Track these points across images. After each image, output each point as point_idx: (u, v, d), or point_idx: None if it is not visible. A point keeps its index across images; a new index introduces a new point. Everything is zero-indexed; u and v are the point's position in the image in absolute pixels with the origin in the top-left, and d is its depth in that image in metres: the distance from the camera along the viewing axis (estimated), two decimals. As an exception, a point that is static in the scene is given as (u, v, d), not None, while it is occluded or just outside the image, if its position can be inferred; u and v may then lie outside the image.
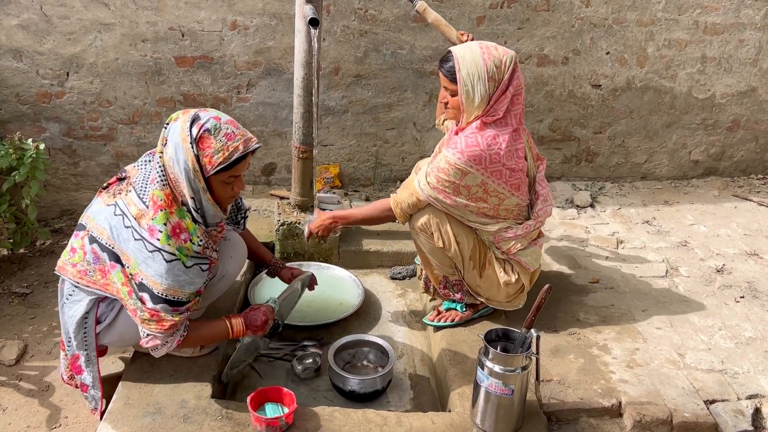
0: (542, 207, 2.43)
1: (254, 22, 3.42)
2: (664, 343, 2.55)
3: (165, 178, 1.90)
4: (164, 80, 3.46)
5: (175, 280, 1.89)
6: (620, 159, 4.26)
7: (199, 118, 1.88)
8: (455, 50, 2.25)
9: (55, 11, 3.20)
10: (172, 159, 1.88)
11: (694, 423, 2.14)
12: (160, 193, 1.90)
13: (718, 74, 4.08)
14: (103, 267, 1.93)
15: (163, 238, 1.87)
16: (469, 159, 2.20)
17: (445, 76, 2.28)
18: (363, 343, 2.52)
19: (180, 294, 1.92)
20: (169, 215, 1.89)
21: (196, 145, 1.86)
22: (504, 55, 2.23)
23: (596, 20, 3.79)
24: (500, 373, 1.93)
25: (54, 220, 3.60)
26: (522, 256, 2.43)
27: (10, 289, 2.93)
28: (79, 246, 1.97)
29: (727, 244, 3.46)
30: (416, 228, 2.39)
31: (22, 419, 2.20)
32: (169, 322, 1.92)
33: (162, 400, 2.04)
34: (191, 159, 1.86)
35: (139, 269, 1.88)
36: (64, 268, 2.00)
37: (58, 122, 3.45)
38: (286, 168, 3.80)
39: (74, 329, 2.00)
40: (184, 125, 1.87)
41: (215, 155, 1.86)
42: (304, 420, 2.00)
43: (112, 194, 1.98)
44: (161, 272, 1.88)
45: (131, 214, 1.91)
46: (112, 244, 1.91)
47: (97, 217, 1.95)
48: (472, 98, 2.22)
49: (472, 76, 2.20)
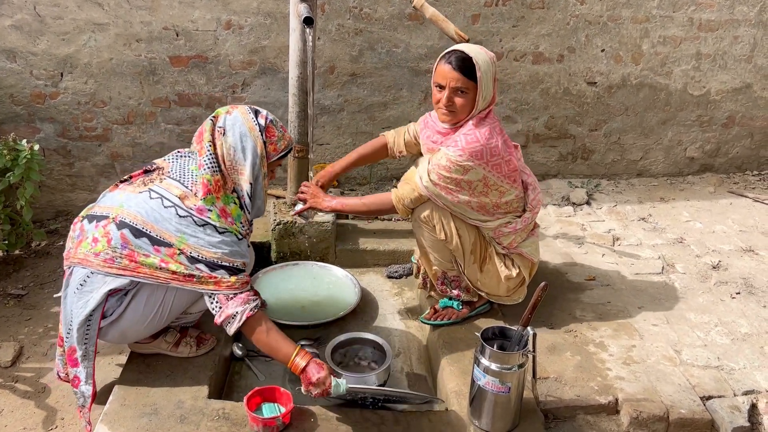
0: (534, 196, 2.47)
1: (249, 21, 3.41)
2: (661, 339, 2.55)
3: (217, 164, 2.03)
4: (159, 80, 3.45)
5: (230, 250, 1.99)
6: (616, 156, 4.26)
7: (260, 111, 2.11)
8: (465, 49, 2.23)
9: (48, 11, 3.19)
10: (234, 147, 2.03)
11: (691, 419, 2.15)
12: (211, 177, 2.02)
13: (713, 71, 4.09)
14: (131, 252, 1.94)
15: (213, 216, 2.00)
16: (471, 155, 2.21)
17: (462, 73, 2.21)
18: (360, 341, 2.53)
19: (235, 262, 2.00)
20: (215, 200, 2.02)
21: (264, 133, 2.05)
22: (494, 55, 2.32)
23: (591, 17, 3.79)
24: (497, 371, 1.93)
25: (49, 221, 3.58)
26: (523, 248, 2.47)
27: (6, 291, 2.92)
28: (102, 234, 1.97)
29: (723, 241, 3.47)
30: (419, 220, 2.38)
31: (18, 421, 2.20)
32: (241, 280, 1.99)
33: (158, 401, 2.04)
34: (260, 146, 2.05)
35: (188, 243, 1.95)
36: (86, 259, 1.97)
37: (53, 123, 3.43)
38: (282, 167, 3.79)
39: (80, 321, 1.98)
40: (247, 116, 2.07)
41: (279, 142, 2.11)
42: (302, 419, 2.01)
43: (141, 183, 2.06)
44: (214, 242, 1.98)
45: (173, 194, 2.00)
46: (149, 227, 1.95)
47: (127, 204, 1.99)
48: (484, 96, 2.26)
49: (486, 75, 2.24)
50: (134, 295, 2.02)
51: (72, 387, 2.07)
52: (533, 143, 4.06)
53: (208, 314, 2.34)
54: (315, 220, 3.01)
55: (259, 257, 3.08)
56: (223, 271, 1.97)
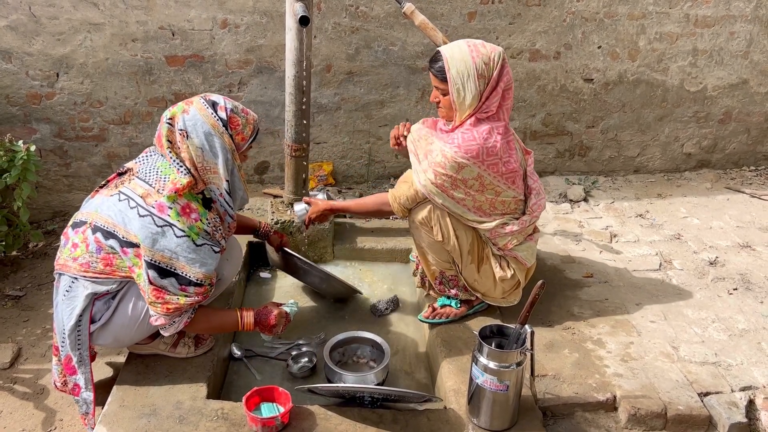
0: (536, 201, 2.44)
1: (245, 20, 3.40)
2: (658, 336, 2.56)
3: (187, 169, 1.97)
4: (155, 80, 3.44)
5: (185, 256, 1.93)
6: (613, 153, 4.26)
7: (217, 102, 2.00)
8: (443, 50, 2.26)
9: (43, 12, 3.18)
10: (201, 148, 1.96)
11: (689, 416, 2.15)
12: (183, 180, 1.96)
13: (709, 67, 4.09)
14: (107, 255, 1.94)
15: (173, 214, 1.93)
16: (465, 153, 2.21)
17: (435, 76, 2.28)
18: (358, 340, 2.53)
19: (189, 271, 1.94)
20: (177, 197, 1.95)
21: (228, 125, 1.99)
22: (492, 51, 2.24)
23: (587, 14, 3.79)
24: (495, 369, 1.93)
25: (46, 222, 3.58)
26: (518, 251, 2.44)
27: (3, 292, 2.92)
28: (81, 240, 1.98)
29: (720, 237, 3.47)
30: (416, 222, 2.39)
31: (17, 422, 2.20)
32: (174, 305, 1.94)
33: (157, 402, 2.04)
34: (228, 141, 1.99)
35: (145, 246, 1.90)
36: (65, 265, 1.99)
37: (49, 123, 3.43)
38: (279, 166, 3.80)
39: (70, 327, 1.98)
40: (206, 112, 1.97)
41: (244, 130, 2.03)
42: (300, 419, 2.00)
43: (114, 186, 2.03)
44: (170, 247, 1.92)
45: (137, 194, 1.95)
46: (117, 228, 1.93)
47: (100, 209, 1.98)
48: (464, 96, 2.23)
49: (462, 75, 2.21)
50: (121, 298, 2.02)
51: (73, 396, 2.07)
52: (530, 140, 4.06)
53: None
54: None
55: (257, 257, 3.10)
56: (174, 281, 1.92)
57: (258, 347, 2.55)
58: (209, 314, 2.11)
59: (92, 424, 2.05)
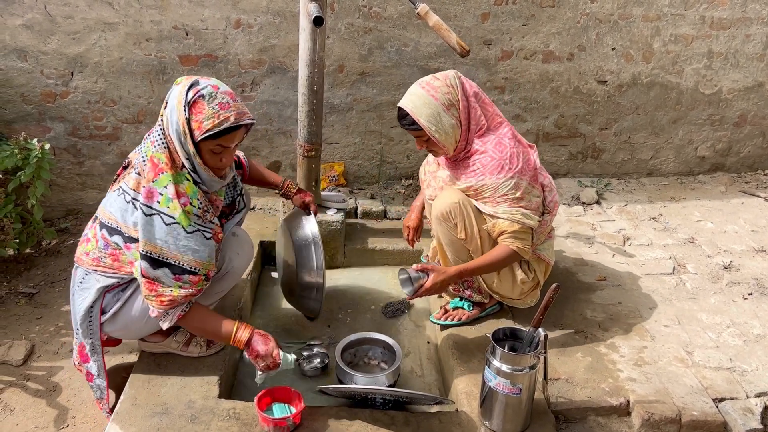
0: (551, 198, 2.44)
1: (258, 20, 3.41)
2: (672, 340, 2.54)
3: (164, 139, 1.92)
4: (168, 79, 3.45)
5: (175, 244, 1.90)
6: (626, 155, 4.24)
7: (197, 84, 1.89)
8: (404, 103, 2.27)
9: (59, 11, 3.19)
10: (169, 120, 1.90)
11: (703, 422, 2.13)
12: (161, 155, 1.91)
13: (724, 69, 4.06)
14: (114, 251, 1.97)
15: (163, 201, 1.89)
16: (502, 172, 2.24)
17: (410, 130, 2.29)
18: (370, 341, 2.53)
19: (181, 260, 1.91)
20: (171, 176, 1.90)
21: (188, 108, 1.87)
22: (445, 79, 2.27)
23: (602, 16, 3.76)
24: (508, 373, 1.92)
25: (59, 220, 3.60)
26: (541, 251, 2.46)
27: (17, 289, 2.94)
28: (93, 235, 2.03)
29: (735, 241, 3.44)
30: (439, 217, 2.33)
31: (30, 419, 2.20)
32: (168, 296, 1.92)
33: (169, 401, 2.05)
34: (182, 122, 1.87)
35: (138, 237, 1.90)
36: (80, 258, 2.05)
37: (63, 122, 3.44)
38: (291, 166, 3.80)
39: (81, 317, 2.02)
40: (182, 89, 1.88)
41: (205, 121, 1.86)
42: (312, 420, 2.00)
43: (118, 181, 2.04)
44: (160, 236, 1.89)
45: (130, 187, 1.94)
46: (119, 224, 1.95)
47: (106, 204, 2.02)
48: (445, 132, 2.25)
49: (434, 117, 2.22)
50: (133, 292, 2.04)
51: (88, 382, 2.11)
52: (543, 142, 4.04)
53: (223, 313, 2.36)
54: (325, 219, 3.01)
55: (268, 256, 3.10)
56: (168, 270, 1.90)
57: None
58: (206, 315, 2.04)
59: (107, 409, 2.09)
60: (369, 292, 2.97)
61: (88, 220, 3.50)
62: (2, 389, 2.33)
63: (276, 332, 2.66)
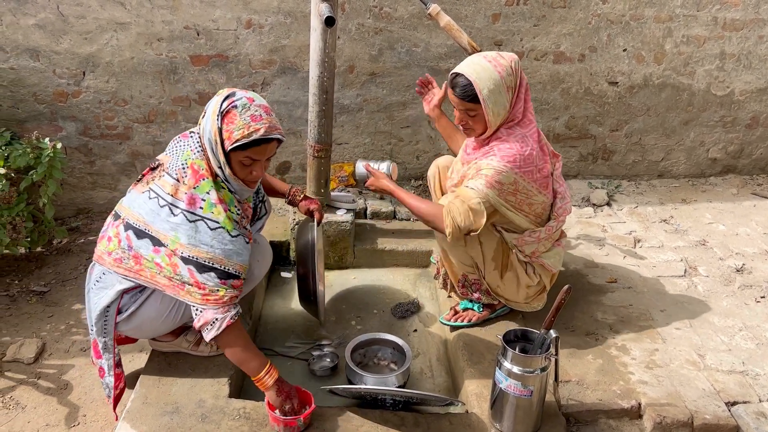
0: (561, 205, 2.42)
1: (269, 20, 3.41)
2: (684, 343, 2.52)
3: (202, 148, 1.96)
4: (179, 79, 3.46)
5: (221, 249, 1.91)
6: (637, 157, 4.21)
7: (233, 95, 1.92)
8: (466, 71, 2.19)
9: (71, 11, 3.21)
10: (204, 128, 1.94)
11: (716, 425, 2.12)
12: (201, 162, 1.95)
13: (737, 71, 4.03)
14: (137, 253, 1.93)
15: (206, 206, 1.92)
16: (503, 159, 2.19)
17: (463, 99, 2.21)
18: (380, 342, 2.52)
19: (227, 264, 1.92)
20: (212, 183, 1.93)
21: (221, 118, 1.90)
22: (511, 60, 2.22)
23: (613, 17, 3.74)
24: (519, 374, 1.91)
25: (70, 219, 3.61)
26: (545, 258, 2.42)
27: (28, 288, 2.95)
28: (114, 234, 1.98)
29: (747, 243, 3.42)
30: None
31: (41, 417, 2.21)
32: (214, 296, 1.90)
33: (180, 400, 2.05)
34: (215, 130, 1.90)
35: (180, 242, 1.89)
36: (101, 257, 2.01)
37: (75, 121, 3.46)
38: (301, 166, 3.80)
39: (97, 316, 2.02)
40: (219, 99, 1.92)
41: (235, 131, 1.88)
42: (322, 420, 2.00)
43: (145, 182, 2.00)
44: (206, 241, 1.90)
45: (166, 192, 1.93)
46: (149, 227, 1.92)
47: (132, 205, 1.98)
48: (497, 112, 2.21)
49: (493, 93, 2.17)
50: (151, 293, 2.04)
51: (99, 378, 2.12)
52: (553, 143, 4.03)
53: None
54: (334, 219, 3.01)
55: (277, 256, 3.10)
56: (213, 274, 1.90)
57: (279, 347, 2.55)
58: (246, 339, 1.99)
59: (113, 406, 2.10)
60: (378, 293, 2.96)
61: (98, 219, 3.59)
62: (14, 387, 2.34)
63: (285, 332, 2.67)
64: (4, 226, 2.79)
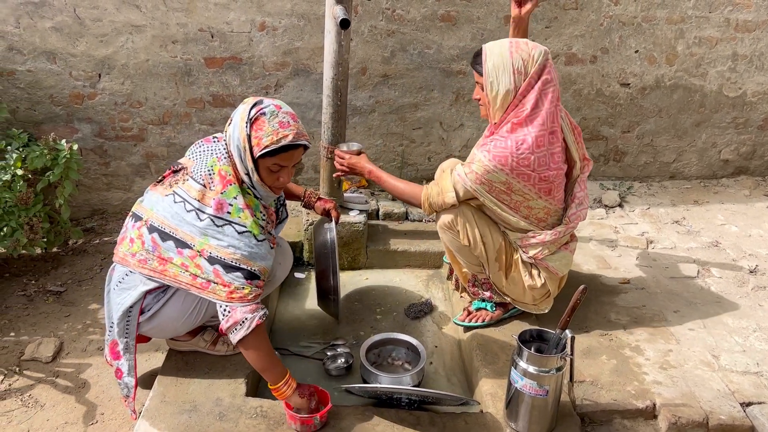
0: (576, 211, 2.39)
1: (283, 23, 3.44)
2: (698, 344, 2.52)
3: (228, 154, 2.00)
4: (194, 81, 3.49)
5: (248, 251, 1.94)
6: (649, 158, 4.21)
7: (261, 103, 1.97)
8: (486, 44, 2.26)
9: (88, 14, 3.25)
10: (231, 136, 1.98)
11: (731, 426, 2.12)
12: (228, 168, 1.99)
13: (749, 72, 4.02)
14: (161, 254, 1.96)
15: (234, 211, 1.95)
16: (494, 159, 2.18)
17: (474, 69, 2.29)
18: (394, 342, 2.53)
19: (253, 266, 1.95)
20: (239, 189, 1.97)
21: (250, 125, 1.94)
22: (533, 49, 2.20)
23: (625, 18, 3.75)
24: (535, 374, 1.92)
25: (86, 220, 3.65)
26: (550, 262, 2.39)
27: (45, 288, 2.98)
28: (137, 236, 2.00)
29: (760, 245, 3.41)
30: (443, 226, 2.38)
31: (60, 415, 2.24)
32: (239, 293, 1.92)
33: (197, 398, 2.07)
34: (243, 137, 1.94)
35: (209, 243, 1.92)
36: (125, 259, 2.02)
37: (90, 123, 3.50)
38: (314, 168, 3.82)
39: (119, 317, 2.03)
40: (246, 107, 1.96)
41: (264, 138, 1.92)
42: (338, 419, 2.02)
43: (168, 185, 2.03)
44: (233, 243, 1.93)
45: (192, 197, 1.96)
46: (174, 230, 1.95)
47: (156, 208, 2.00)
48: (496, 90, 2.20)
49: (498, 68, 2.19)
50: (174, 293, 2.06)
51: (116, 378, 2.12)
52: (565, 145, 4.03)
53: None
54: (347, 220, 3.02)
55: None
56: (239, 274, 1.93)
57: (294, 346, 2.57)
58: (269, 344, 2.00)
59: (132, 407, 2.09)
60: (391, 293, 2.98)
61: (113, 220, 3.63)
62: (32, 385, 2.37)
63: (299, 332, 2.68)
64: (21, 226, 2.83)
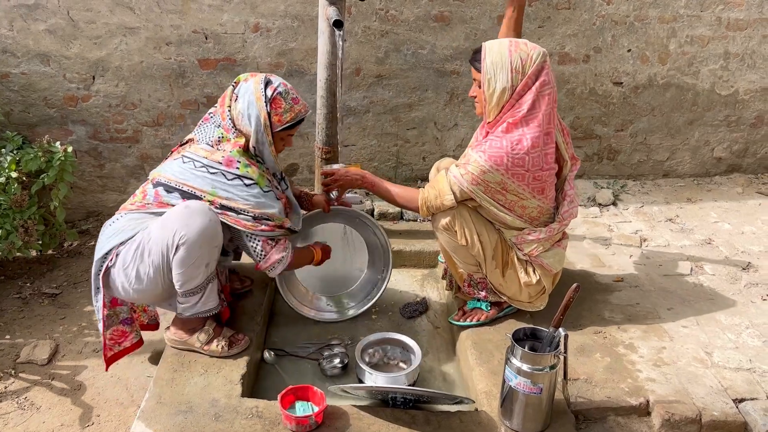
0: (568, 209, 2.42)
1: (276, 24, 3.44)
2: (691, 341, 2.54)
3: (236, 128, 2.23)
4: (188, 83, 3.49)
5: (256, 201, 2.19)
6: (642, 157, 4.23)
7: (271, 82, 2.23)
8: (486, 42, 2.29)
9: (81, 16, 3.25)
10: (242, 113, 2.21)
11: (724, 422, 2.14)
12: (240, 139, 2.23)
13: (741, 70, 4.04)
14: (161, 201, 2.17)
15: (242, 167, 2.18)
16: (489, 159, 2.20)
17: (473, 66, 2.32)
18: (389, 341, 2.54)
19: (264, 213, 2.20)
20: (243, 152, 2.21)
21: (269, 104, 2.19)
22: (532, 50, 2.23)
23: (618, 18, 3.77)
24: (529, 372, 1.93)
25: (80, 222, 3.65)
26: (544, 259, 2.42)
27: (40, 290, 2.98)
28: (140, 191, 2.25)
29: (753, 242, 3.43)
30: (440, 227, 2.40)
31: (56, 417, 2.24)
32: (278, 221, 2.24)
33: (193, 399, 2.08)
34: (264, 116, 2.19)
35: (219, 195, 2.16)
36: (124, 207, 2.25)
37: (85, 125, 3.50)
38: (309, 168, 3.83)
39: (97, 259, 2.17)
40: (257, 86, 2.20)
41: (284, 114, 2.22)
42: (334, 419, 2.02)
43: (177, 153, 2.27)
44: (242, 195, 2.17)
45: (201, 155, 2.19)
46: (182, 184, 2.16)
47: (163, 169, 2.23)
48: (493, 88, 2.23)
49: (496, 66, 2.22)
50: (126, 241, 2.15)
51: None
52: (558, 144, 4.05)
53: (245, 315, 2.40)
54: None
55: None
56: (249, 216, 2.18)
57: (290, 347, 2.58)
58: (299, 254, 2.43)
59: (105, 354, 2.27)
60: (387, 293, 2.98)
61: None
62: (28, 388, 2.38)
63: (296, 333, 2.69)
64: (16, 229, 2.83)
